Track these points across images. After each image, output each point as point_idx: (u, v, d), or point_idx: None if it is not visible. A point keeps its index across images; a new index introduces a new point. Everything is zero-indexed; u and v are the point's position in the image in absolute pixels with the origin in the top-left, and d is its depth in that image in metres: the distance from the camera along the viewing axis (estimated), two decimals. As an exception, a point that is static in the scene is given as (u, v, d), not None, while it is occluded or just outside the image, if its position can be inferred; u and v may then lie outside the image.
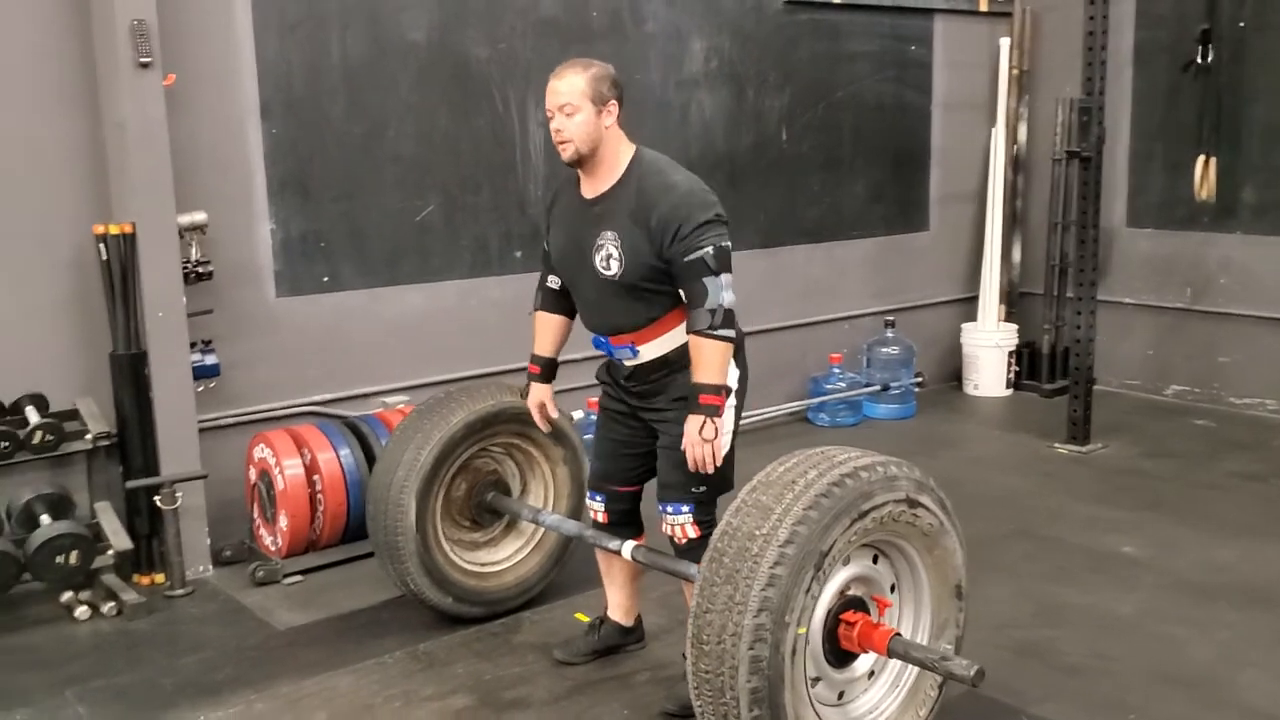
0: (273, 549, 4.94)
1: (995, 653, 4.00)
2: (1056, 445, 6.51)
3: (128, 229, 4.66)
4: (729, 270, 3.35)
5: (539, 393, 3.94)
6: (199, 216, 4.86)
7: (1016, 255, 8.05)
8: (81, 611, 4.44)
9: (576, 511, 4.37)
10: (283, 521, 4.84)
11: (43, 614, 4.51)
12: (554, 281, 3.80)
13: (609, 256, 3.44)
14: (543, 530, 4.41)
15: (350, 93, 5.36)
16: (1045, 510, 5.51)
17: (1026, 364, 7.85)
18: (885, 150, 7.52)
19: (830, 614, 3.05)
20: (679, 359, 3.48)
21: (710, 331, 3.30)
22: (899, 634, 3.07)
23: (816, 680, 3.07)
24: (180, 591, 4.71)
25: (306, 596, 4.68)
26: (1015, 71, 7.83)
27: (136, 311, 4.73)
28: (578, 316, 3.79)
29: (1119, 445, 6.53)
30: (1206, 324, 7.36)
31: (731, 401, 3.44)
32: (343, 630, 4.36)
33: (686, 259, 3.31)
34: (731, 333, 3.33)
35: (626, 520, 3.85)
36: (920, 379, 7.35)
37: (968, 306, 8.02)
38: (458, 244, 5.77)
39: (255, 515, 5.06)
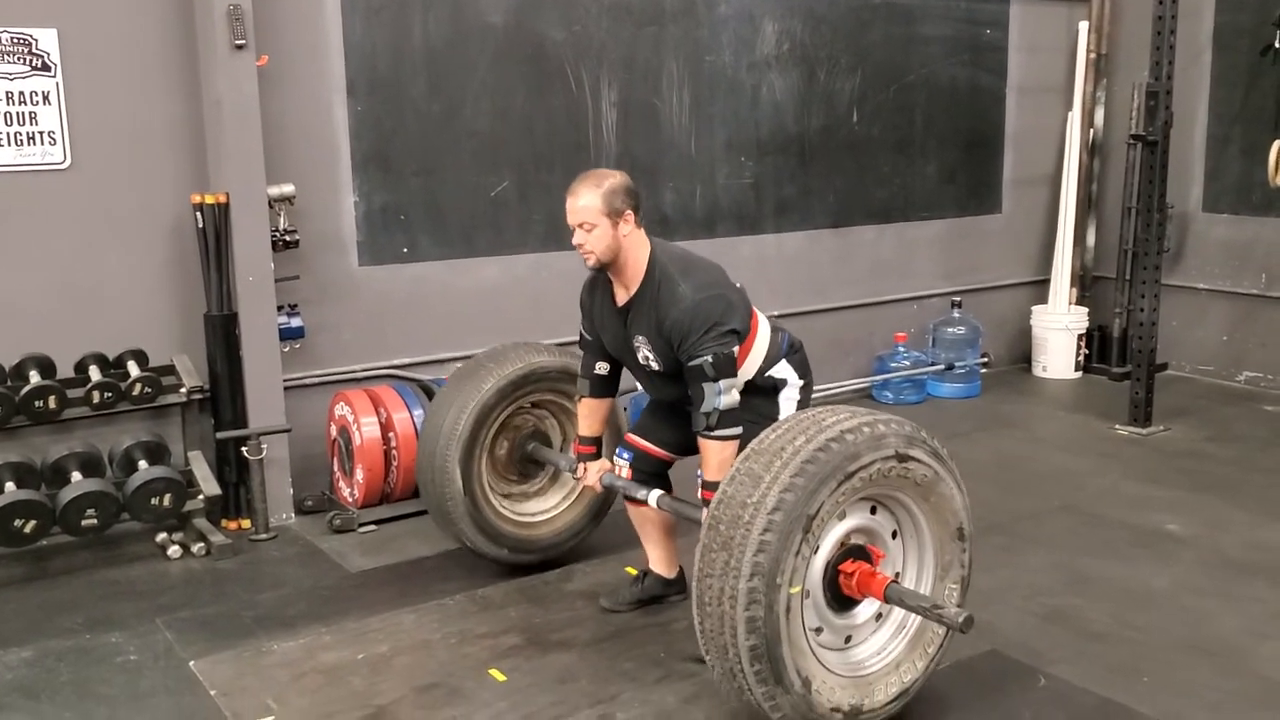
0: (350, 500, 5.28)
1: (1021, 617, 4.17)
2: (1117, 427, 6.58)
3: (222, 199, 5.02)
4: (730, 376, 3.61)
5: (595, 467, 4.16)
6: (288, 188, 5.19)
7: (1091, 239, 8.08)
8: (174, 550, 4.84)
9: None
10: (359, 475, 5.17)
11: (139, 552, 4.92)
12: (602, 368, 4.04)
13: (647, 357, 3.78)
14: (583, 488, 4.62)
15: (430, 72, 5.66)
16: (1096, 488, 5.61)
17: (1097, 347, 7.90)
18: (958, 133, 7.61)
19: (829, 565, 3.24)
20: (751, 388, 3.78)
21: (708, 433, 3.61)
22: (895, 581, 3.24)
23: (819, 630, 3.26)
24: (264, 536, 5.08)
25: (378, 544, 5.01)
26: (1093, 55, 7.85)
27: (229, 276, 5.09)
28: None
29: (1182, 428, 6.57)
30: (1281, 311, 7.34)
31: (795, 396, 3.84)
32: (409, 575, 4.68)
33: (690, 364, 3.61)
34: (731, 431, 3.59)
35: (650, 483, 4.04)
36: (986, 359, 7.45)
37: (1039, 289, 8.08)
38: (530, 219, 6.04)
39: (335, 468, 5.41)
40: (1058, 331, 7.80)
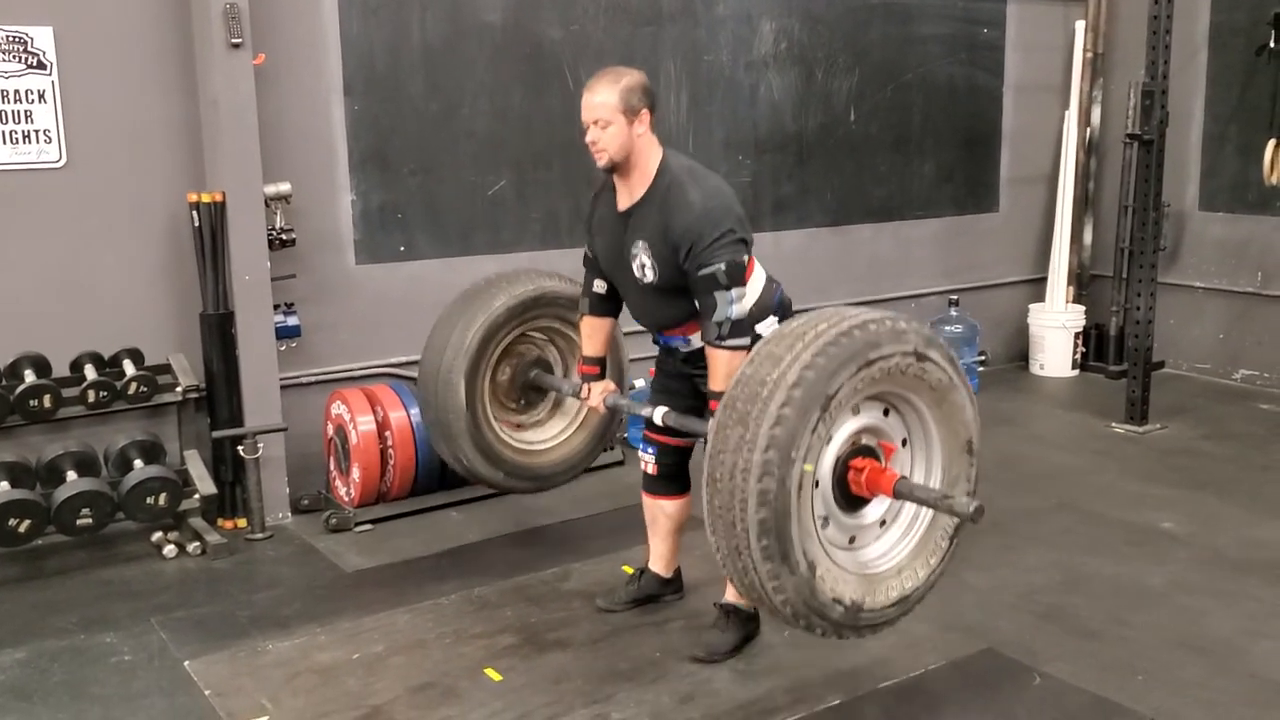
0: (346, 499, 5.28)
1: (1017, 616, 4.18)
2: (1114, 425, 6.59)
3: (218, 198, 5.01)
4: (740, 284, 3.55)
5: (599, 388, 4.12)
6: (284, 187, 5.19)
7: (1088, 238, 8.09)
8: (169, 550, 4.83)
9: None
10: (355, 474, 5.17)
11: (134, 551, 4.92)
12: (600, 286, 4.01)
13: (643, 265, 3.67)
14: (586, 410, 4.63)
15: (428, 71, 5.65)
16: (1092, 487, 5.61)
17: (1094, 345, 7.91)
18: (955, 132, 7.62)
19: (840, 461, 3.22)
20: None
21: (718, 342, 3.53)
22: (904, 476, 3.24)
23: (826, 521, 3.23)
24: (260, 535, 5.07)
25: (374, 543, 5.01)
26: (1089, 55, 7.85)
27: (225, 275, 5.09)
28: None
29: (1179, 426, 6.58)
30: (1277, 309, 7.33)
31: None
32: (405, 574, 4.67)
33: (700, 273, 3.52)
34: (741, 341, 3.53)
35: (675, 474, 4.09)
36: (984, 357, 7.45)
37: (1037, 287, 8.09)
38: (528, 217, 6.04)
39: (331, 467, 5.41)
40: (1055, 330, 7.81)
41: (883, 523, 3.40)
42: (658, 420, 3.82)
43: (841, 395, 3.03)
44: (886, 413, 3.35)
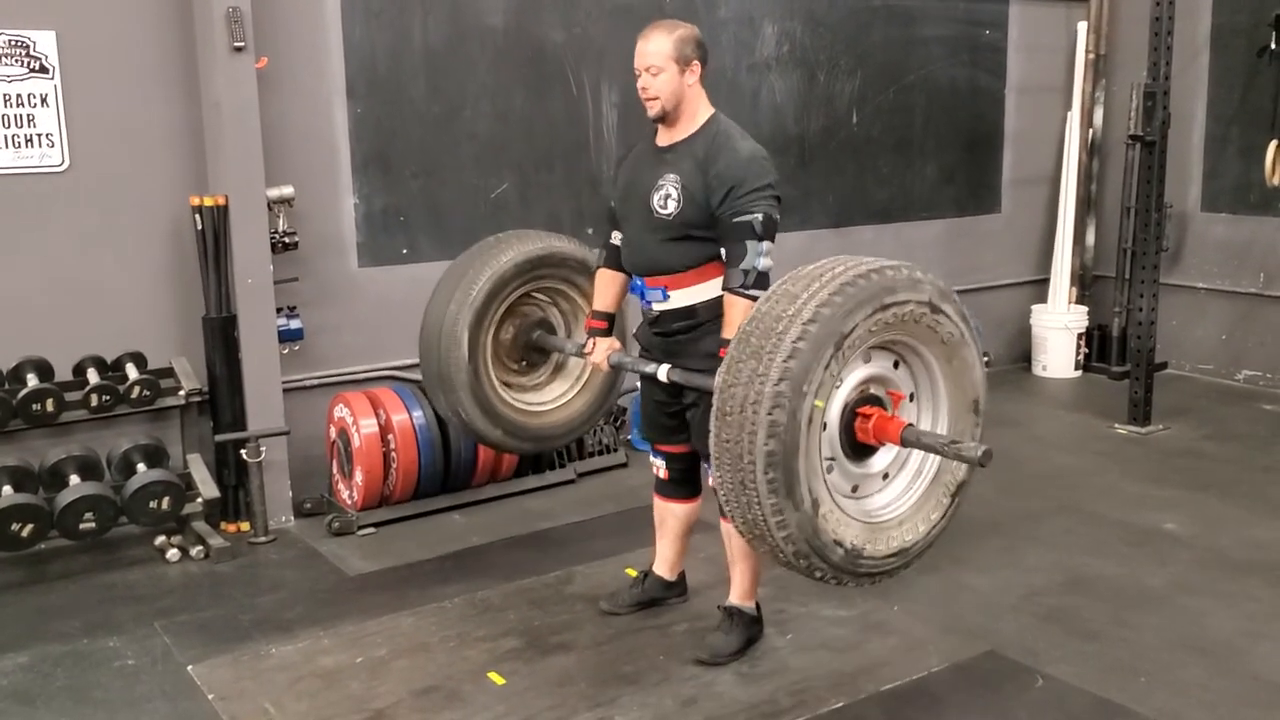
0: (349, 502, 5.28)
1: (1019, 618, 4.18)
2: (1116, 426, 6.59)
3: (221, 201, 5.02)
4: (772, 240, 3.58)
5: (605, 344, 4.10)
6: (287, 190, 5.20)
7: (1090, 239, 8.09)
8: (172, 553, 4.84)
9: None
10: (358, 477, 5.18)
11: (138, 555, 4.92)
12: (616, 238, 4.01)
13: (667, 196, 3.67)
14: (589, 373, 4.62)
15: (430, 74, 5.66)
16: (1095, 488, 5.61)
17: (1097, 346, 7.91)
18: (957, 133, 7.62)
19: (848, 407, 3.23)
20: (704, 314, 3.70)
21: (742, 290, 3.53)
22: (911, 424, 3.24)
23: (831, 463, 3.23)
24: (263, 539, 5.08)
25: (377, 546, 5.01)
26: (1091, 56, 7.85)
27: (228, 278, 5.10)
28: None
29: (1181, 427, 6.57)
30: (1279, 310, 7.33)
31: None
32: (408, 578, 4.68)
33: (735, 219, 3.54)
34: (761, 294, 3.52)
35: (685, 478, 4.09)
36: (986, 358, 7.40)
37: (1039, 288, 8.09)
38: (531, 220, 6.02)
39: (334, 471, 5.42)
40: (1057, 331, 7.81)
41: (886, 475, 3.41)
42: (662, 377, 3.77)
43: (856, 335, 3.04)
44: (896, 365, 3.36)
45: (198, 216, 5.03)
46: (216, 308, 5.10)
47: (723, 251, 3.61)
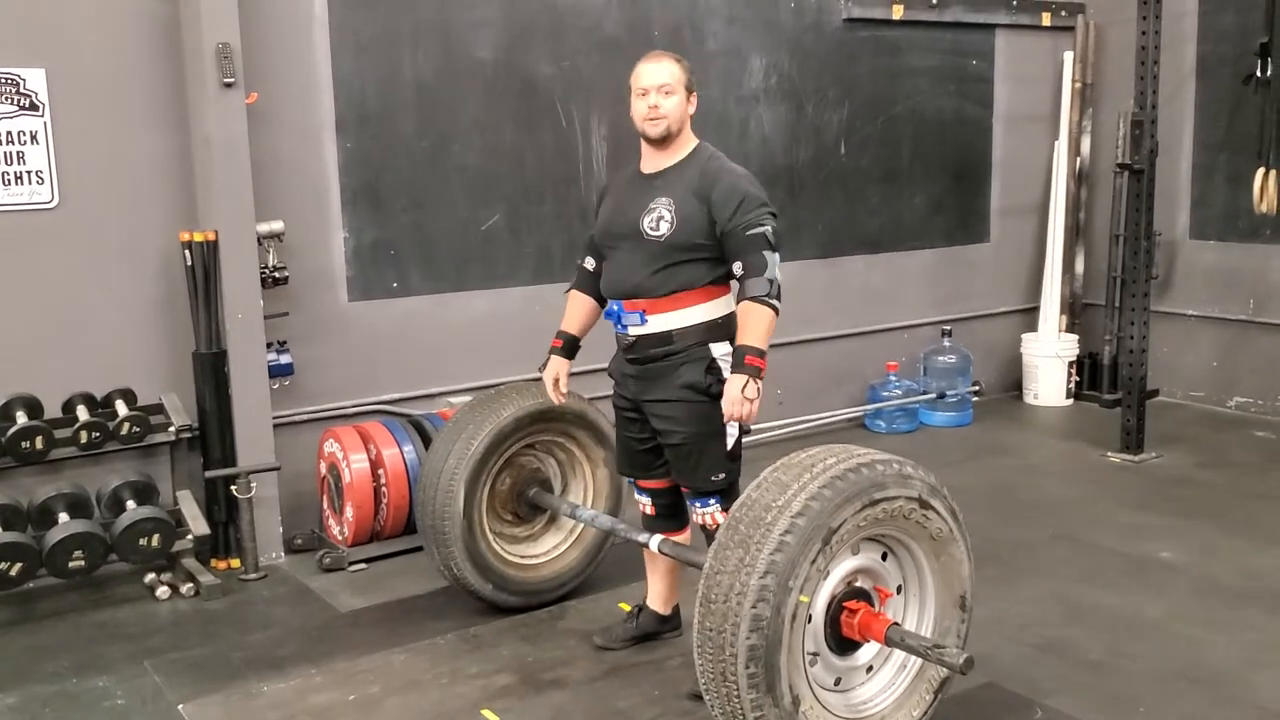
0: (340, 538, 5.25)
1: (1017, 649, 4.16)
2: (1109, 454, 6.58)
3: (211, 236, 5.01)
4: (779, 253, 3.63)
5: (556, 366, 4.14)
6: (277, 225, 5.19)
7: (1080, 267, 8.11)
8: (162, 591, 4.79)
9: (614, 510, 4.62)
10: (349, 512, 5.14)
11: (127, 593, 4.87)
12: (590, 263, 4.07)
13: (660, 219, 3.70)
14: (582, 527, 4.65)
15: (420, 108, 5.66)
16: (1088, 517, 5.60)
17: (1088, 374, 7.92)
18: (945, 163, 7.64)
19: (835, 600, 3.23)
20: (680, 341, 3.72)
21: (767, 299, 3.55)
22: (897, 624, 3.24)
23: (815, 658, 3.24)
24: (253, 575, 5.04)
25: (369, 582, 4.97)
26: (1078, 85, 7.90)
27: (217, 313, 5.08)
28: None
29: (1174, 455, 6.57)
30: (1270, 336, 7.35)
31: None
32: (400, 614, 4.64)
33: (749, 232, 3.59)
34: (780, 305, 3.59)
35: (671, 513, 4.08)
36: (977, 387, 7.45)
37: (1029, 317, 8.11)
38: (521, 252, 6.04)
39: (325, 506, 5.38)
40: (1048, 359, 7.82)
41: (870, 668, 3.40)
42: (653, 548, 3.90)
43: (844, 531, 3.07)
44: (885, 557, 3.37)
45: (187, 252, 5.02)
46: (206, 343, 5.08)
47: (737, 266, 3.63)
